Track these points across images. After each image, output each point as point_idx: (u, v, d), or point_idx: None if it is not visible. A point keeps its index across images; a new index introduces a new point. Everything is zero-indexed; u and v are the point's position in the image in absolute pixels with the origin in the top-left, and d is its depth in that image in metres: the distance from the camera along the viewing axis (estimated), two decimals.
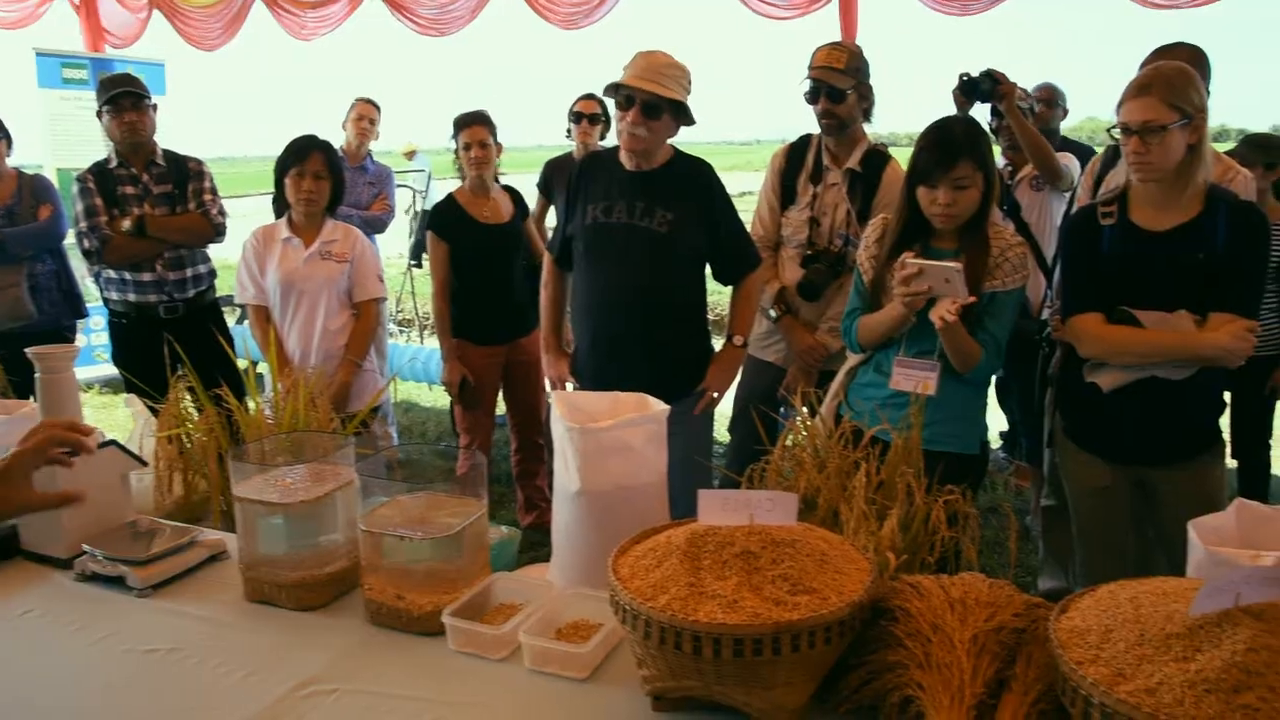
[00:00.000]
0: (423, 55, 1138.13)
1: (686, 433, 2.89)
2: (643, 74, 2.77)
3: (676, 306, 2.94)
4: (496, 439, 5.19)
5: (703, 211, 2.91)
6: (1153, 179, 2.35)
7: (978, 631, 1.25)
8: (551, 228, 4.28)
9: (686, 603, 1.26)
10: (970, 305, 2.39)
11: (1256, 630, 1.08)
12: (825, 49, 3.28)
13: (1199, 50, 2.91)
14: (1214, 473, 2.54)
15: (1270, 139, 4.02)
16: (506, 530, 2.65)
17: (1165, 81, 2.31)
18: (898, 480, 1.79)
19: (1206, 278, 2.34)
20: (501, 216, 4.13)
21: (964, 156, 2.41)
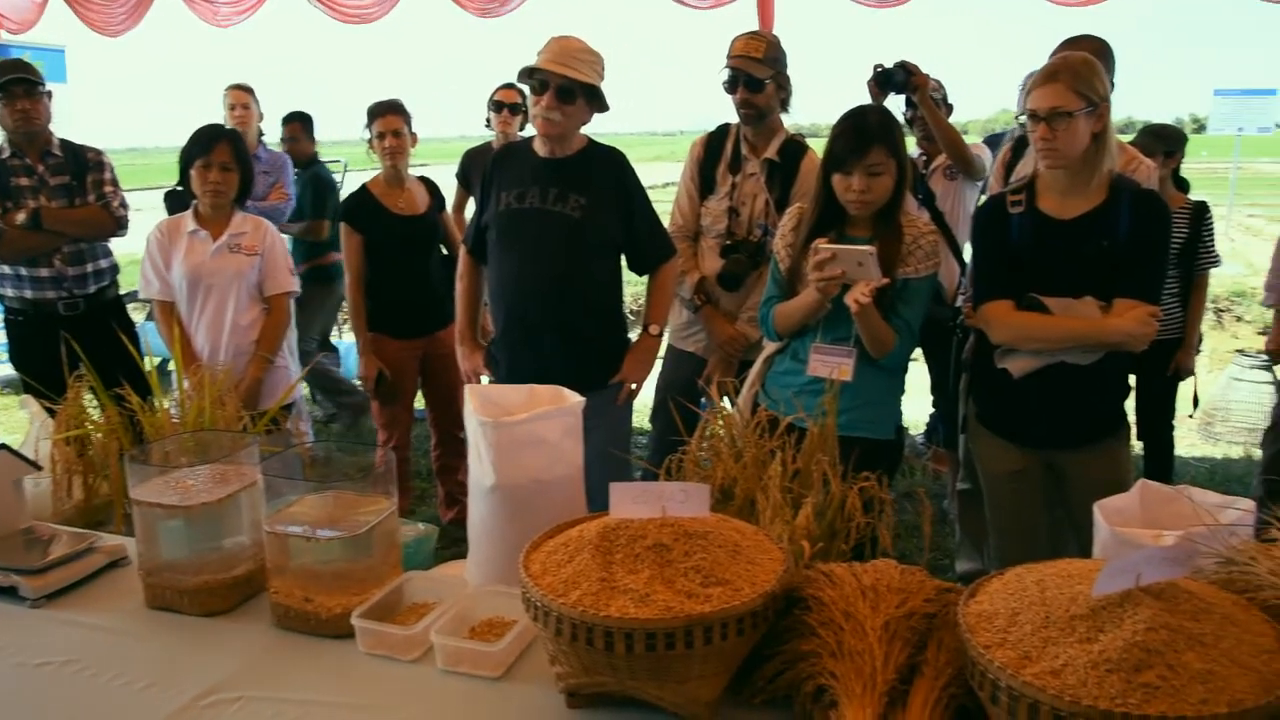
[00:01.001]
0: (343, 44, 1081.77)
1: (606, 425, 2.87)
2: (556, 58, 2.74)
3: (591, 295, 2.91)
4: (416, 434, 5.12)
5: (616, 199, 2.89)
6: (1059, 165, 2.40)
7: (889, 618, 1.26)
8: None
9: (598, 598, 1.24)
10: (884, 289, 2.42)
11: (1156, 610, 1.10)
12: (743, 38, 3.28)
13: (1104, 42, 2.98)
14: (1120, 455, 2.60)
15: (1167, 129, 4.15)
16: (423, 527, 2.60)
17: (1071, 70, 2.36)
18: (813, 468, 1.79)
19: (1111, 265, 2.39)
20: (417, 207, 4.06)
21: (877, 143, 2.44)
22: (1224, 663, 1.06)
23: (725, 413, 2.00)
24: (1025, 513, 2.70)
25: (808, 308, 2.54)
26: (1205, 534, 1.41)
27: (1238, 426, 5.60)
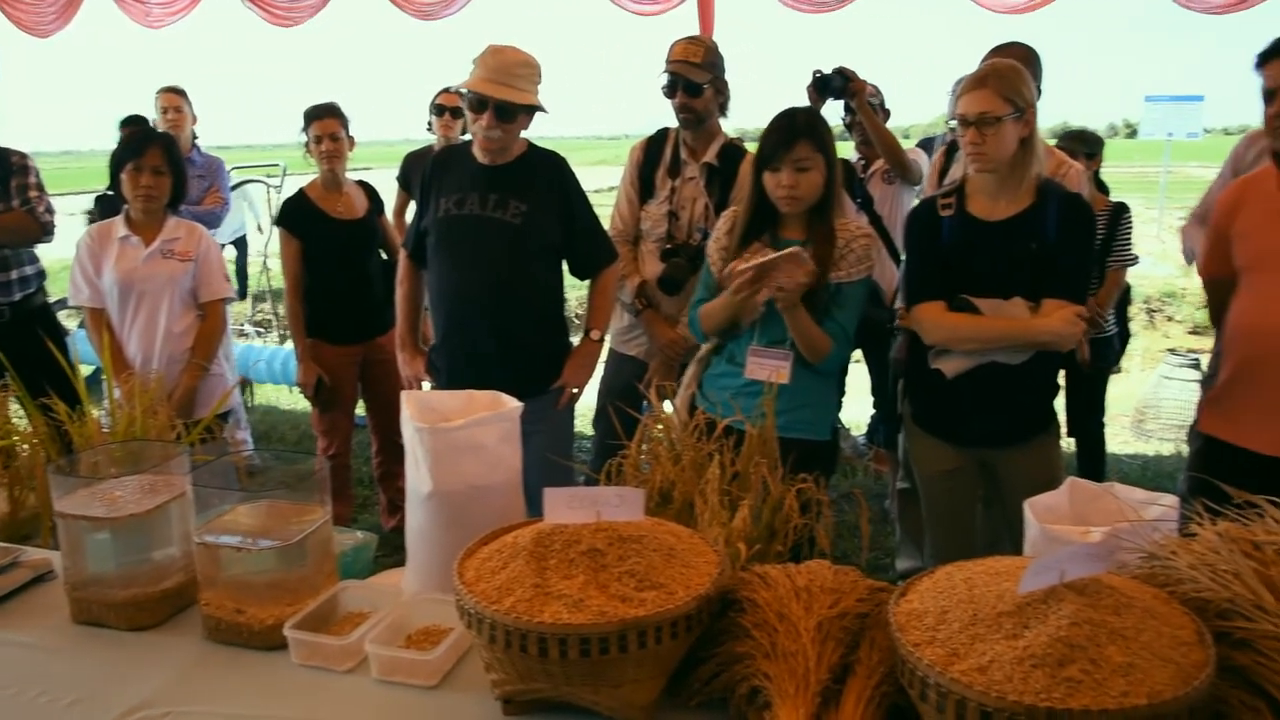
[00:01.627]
0: (281, 46, 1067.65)
1: (547, 430, 2.87)
2: (495, 76, 2.72)
3: (532, 300, 2.90)
4: (358, 440, 5.06)
5: (557, 204, 2.88)
6: (988, 169, 2.45)
7: (822, 619, 1.27)
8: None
9: (532, 604, 1.24)
10: (818, 294, 2.44)
11: (1079, 605, 1.12)
12: (682, 43, 3.30)
13: (1031, 50, 3.04)
14: (1051, 452, 2.66)
15: (1087, 133, 4.24)
16: (362, 535, 2.57)
17: (999, 76, 2.41)
18: (752, 471, 1.80)
19: (1039, 266, 2.45)
20: (355, 211, 4.02)
21: (803, 138, 2.47)
22: (1144, 655, 1.08)
23: (665, 416, 2.00)
24: (960, 510, 2.75)
25: (730, 305, 2.55)
26: (1130, 530, 1.44)
27: (1168, 424, 5.74)
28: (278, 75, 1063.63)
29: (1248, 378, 2.59)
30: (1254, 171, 2.67)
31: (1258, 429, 2.55)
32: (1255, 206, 2.57)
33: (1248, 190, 2.63)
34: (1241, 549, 1.29)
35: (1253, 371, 2.57)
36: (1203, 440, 2.74)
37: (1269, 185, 2.54)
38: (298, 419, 6.36)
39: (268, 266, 8.15)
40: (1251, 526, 1.33)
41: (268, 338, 8.65)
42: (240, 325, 8.98)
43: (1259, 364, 2.55)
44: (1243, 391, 2.60)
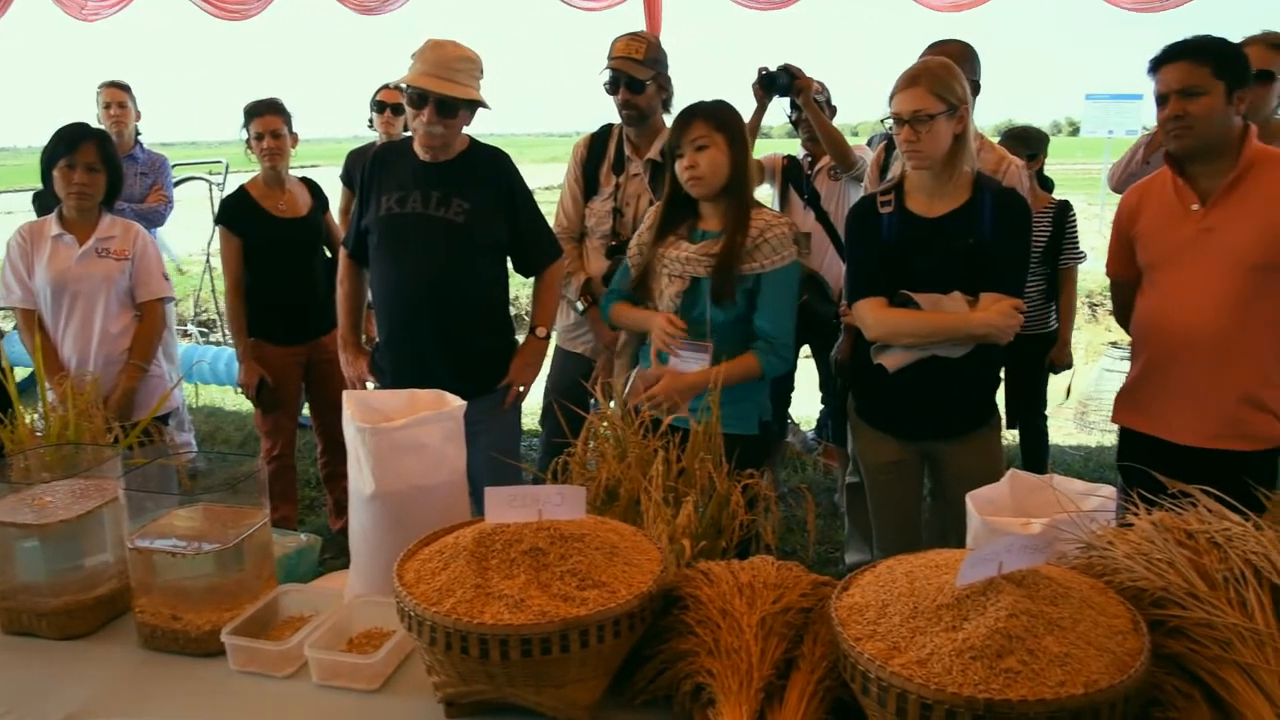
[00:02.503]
0: (223, 40, 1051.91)
1: (494, 429, 2.84)
2: (435, 71, 2.68)
3: (476, 298, 2.87)
4: (304, 441, 4.99)
5: (501, 201, 2.85)
6: (924, 166, 2.48)
7: (765, 614, 1.27)
8: None
9: (472, 605, 1.22)
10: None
11: (1017, 596, 1.13)
12: (624, 39, 3.29)
13: (968, 46, 3.07)
14: (992, 444, 2.69)
15: (1028, 131, 4.30)
16: (305, 538, 2.52)
17: (930, 74, 2.44)
18: (696, 467, 1.80)
19: (976, 261, 2.47)
20: (298, 209, 3.95)
21: (699, 118, 2.50)
22: (1081, 645, 1.10)
23: (611, 413, 1.99)
24: (904, 503, 2.78)
25: (641, 323, 2.66)
26: (1068, 521, 1.46)
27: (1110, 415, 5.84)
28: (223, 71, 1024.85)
29: (1156, 371, 2.69)
30: (1152, 174, 2.75)
31: (1169, 419, 2.66)
32: (1154, 208, 2.67)
33: (1147, 192, 2.71)
34: (1175, 538, 1.31)
35: (1160, 365, 2.67)
36: (1120, 432, 2.84)
37: (1166, 187, 2.62)
38: (243, 420, 6.26)
39: (211, 265, 8.01)
40: (1184, 516, 1.35)
41: (211, 338, 8.51)
42: (184, 325, 8.82)
43: (1166, 358, 2.65)
44: (1153, 384, 2.70)
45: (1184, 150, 2.53)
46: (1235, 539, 1.26)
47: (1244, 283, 2.50)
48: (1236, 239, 2.49)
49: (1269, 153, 2.53)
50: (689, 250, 2.56)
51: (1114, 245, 2.85)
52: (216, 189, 8.26)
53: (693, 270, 2.56)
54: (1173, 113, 2.48)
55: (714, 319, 2.56)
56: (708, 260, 2.53)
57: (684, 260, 2.56)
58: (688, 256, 2.56)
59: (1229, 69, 2.44)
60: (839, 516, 4.32)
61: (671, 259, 2.59)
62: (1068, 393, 4.40)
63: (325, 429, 4.19)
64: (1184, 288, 2.60)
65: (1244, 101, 2.48)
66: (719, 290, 2.51)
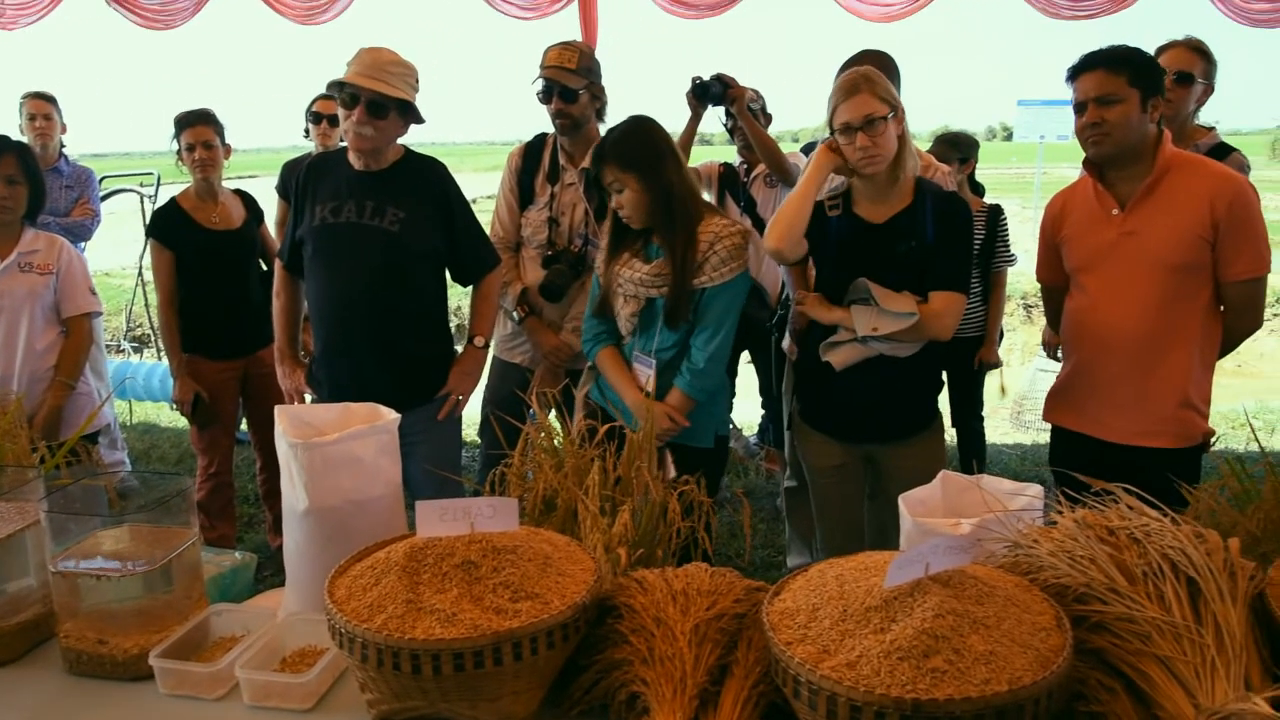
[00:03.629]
0: (156, 49, 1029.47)
1: (433, 440, 2.83)
2: (367, 71, 2.66)
3: (412, 308, 2.84)
4: (242, 457, 4.90)
5: (436, 210, 2.83)
6: (880, 168, 2.50)
7: (699, 621, 1.27)
8: None
9: (404, 620, 1.21)
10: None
11: (943, 597, 1.15)
12: (556, 49, 3.29)
13: (888, 56, 3.12)
14: (934, 447, 2.73)
15: (960, 136, 4.38)
16: (241, 556, 2.47)
17: (870, 80, 2.48)
18: (634, 476, 1.80)
19: (919, 263, 2.52)
20: (232, 221, 3.90)
21: (607, 162, 2.53)
22: (1005, 643, 1.12)
23: (548, 423, 1.99)
24: (847, 505, 2.81)
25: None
26: (997, 520, 1.49)
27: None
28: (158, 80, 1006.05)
29: (1086, 371, 2.76)
30: (1075, 181, 2.83)
31: (1098, 417, 2.74)
32: (1077, 214, 2.75)
33: (1070, 199, 2.80)
34: (1097, 535, 1.34)
35: (1089, 365, 2.75)
36: (1053, 430, 2.93)
37: (1088, 193, 2.69)
38: (179, 437, 6.14)
39: (143, 279, 7.85)
40: (1106, 513, 1.39)
41: (145, 353, 8.33)
42: (117, 341, 8.63)
43: (1094, 358, 2.73)
44: (1083, 383, 2.78)
45: (1102, 156, 2.60)
46: (1153, 534, 1.29)
47: (1165, 283, 2.57)
48: (1155, 241, 2.56)
49: (1183, 156, 2.61)
50: (642, 271, 2.58)
51: (1042, 251, 2.92)
52: (148, 201, 8.08)
53: (647, 292, 2.58)
54: (1090, 120, 2.55)
55: (662, 339, 2.60)
56: (660, 281, 2.55)
57: (637, 281, 2.59)
58: (641, 278, 2.58)
59: (1144, 78, 2.52)
60: (782, 520, 4.35)
61: (626, 279, 2.61)
62: (1001, 391, 4.48)
63: (264, 444, 4.12)
64: (1109, 290, 2.67)
65: (1158, 109, 2.56)
66: (673, 314, 2.55)
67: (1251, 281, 2.58)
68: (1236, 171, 2.68)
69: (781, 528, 4.30)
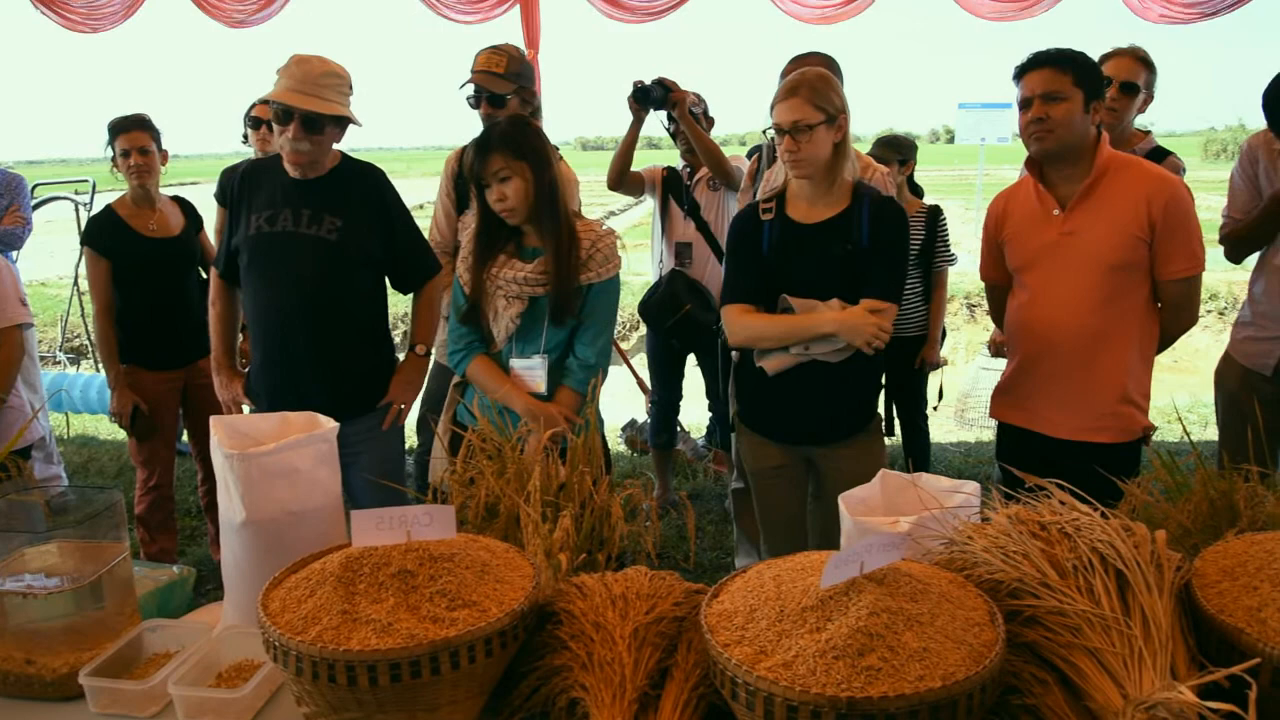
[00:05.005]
0: (91, 53, 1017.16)
1: (375, 450, 2.80)
2: (300, 87, 2.62)
3: (352, 317, 2.80)
4: (184, 469, 4.82)
5: (375, 217, 2.79)
6: (805, 175, 2.53)
7: (638, 625, 1.27)
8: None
9: (339, 631, 1.20)
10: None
11: (878, 595, 1.16)
12: (485, 53, 3.29)
13: (831, 59, 3.15)
14: (873, 447, 2.75)
15: (899, 139, 4.44)
16: (178, 570, 2.42)
17: (809, 85, 2.49)
18: (574, 480, 1.80)
19: (853, 266, 2.53)
20: (170, 229, 3.83)
21: (496, 150, 2.47)
22: (939, 639, 1.13)
23: (489, 428, 1.98)
24: (790, 506, 2.83)
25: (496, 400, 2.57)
26: (934, 518, 1.51)
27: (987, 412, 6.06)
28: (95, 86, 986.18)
29: (1029, 368, 2.81)
30: (1016, 181, 2.88)
31: (1041, 414, 2.79)
32: (1019, 214, 2.80)
33: (1011, 199, 2.85)
34: (1030, 530, 1.36)
35: (1032, 362, 2.79)
36: (998, 426, 2.98)
37: (1029, 194, 2.75)
38: (118, 449, 6.02)
39: (79, 289, 7.68)
40: (1038, 508, 1.41)
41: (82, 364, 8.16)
42: (53, 352, 8.44)
43: (1037, 356, 2.77)
44: (1026, 381, 2.82)
45: (1044, 152, 2.64)
46: (1084, 529, 1.32)
47: (1104, 282, 2.62)
48: (1094, 241, 2.62)
49: (1120, 158, 2.66)
50: (525, 269, 2.53)
51: (985, 251, 2.97)
52: (83, 209, 7.92)
53: (531, 290, 2.53)
54: (1036, 115, 2.59)
55: (549, 338, 2.57)
56: (545, 279, 2.51)
57: (521, 280, 2.53)
58: (525, 276, 2.52)
59: (1088, 80, 2.57)
60: (730, 522, 4.37)
61: (507, 280, 2.54)
62: (940, 392, 4.53)
63: (205, 456, 4.05)
64: (1050, 289, 2.71)
65: (1098, 112, 2.61)
66: (559, 310, 2.51)
67: (1187, 280, 2.64)
68: (1172, 174, 2.74)
69: (730, 529, 4.32)
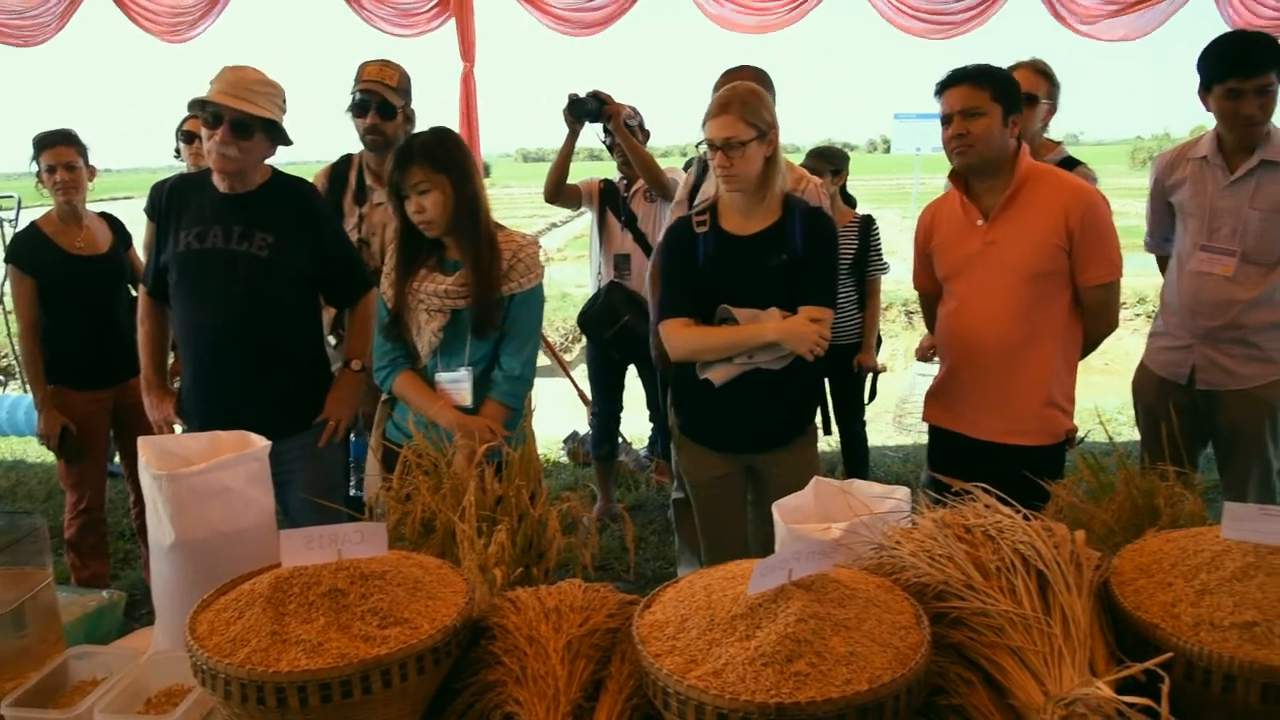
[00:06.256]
0: (28, 66, 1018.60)
1: (312, 468, 2.76)
2: (231, 90, 2.59)
3: (285, 335, 2.77)
4: (117, 491, 4.71)
5: (307, 233, 2.76)
6: (738, 189, 2.57)
7: (571, 638, 1.28)
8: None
9: (268, 653, 1.18)
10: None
11: (806, 601, 1.18)
12: (376, 65, 3.30)
13: (763, 72, 3.19)
14: (809, 453, 2.79)
15: (831, 150, 4.51)
16: (108, 594, 2.37)
17: (740, 101, 2.52)
18: (510, 494, 1.80)
19: (789, 277, 2.57)
20: (98, 246, 3.75)
21: (416, 163, 2.45)
22: (866, 643, 1.15)
23: (423, 443, 1.97)
24: (730, 515, 2.85)
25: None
26: (865, 524, 1.53)
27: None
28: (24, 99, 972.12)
29: (958, 373, 2.88)
30: (944, 194, 2.96)
31: (971, 417, 2.86)
32: (945, 225, 2.88)
33: (939, 211, 2.93)
34: (956, 533, 1.39)
35: (961, 368, 2.87)
36: (930, 430, 3.04)
37: (955, 205, 2.83)
38: (48, 472, 5.86)
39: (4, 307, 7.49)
40: (963, 511, 1.44)
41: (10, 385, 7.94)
42: None
43: (966, 361, 2.85)
44: (956, 385, 2.90)
45: (966, 166, 2.72)
46: (1006, 531, 1.35)
47: (1026, 289, 2.69)
48: (1016, 250, 2.69)
49: (1039, 169, 2.74)
50: (446, 283, 2.52)
51: (916, 260, 3.04)
52: (8, 225, 7.72)
53: (453, 304, 2.52)
54: (956, 131, 2.67)
55: (474, 350, 2.57)
56: (466, 291, 2.50)
57: (442, 294, 2.52)
58: (446, 289, 2.51)
59: (1005, 95, 2.65)
60: (674, 532, 4.38)
61: (429, 293, 2.53)
62: (871, 395, 4.59)
63: (137, 477, 3.96)
64: (976, 297, 2.78)
65: (1017, 125, 2.70)
66: (481, 322, 2.50)
67: (1105, 286, 2.72)
68: (1088, 184, 2.83)
69: (673, 539, 4.34)
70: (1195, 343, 3.17)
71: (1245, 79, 2.91)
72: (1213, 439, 3.30)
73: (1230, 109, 2.97)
